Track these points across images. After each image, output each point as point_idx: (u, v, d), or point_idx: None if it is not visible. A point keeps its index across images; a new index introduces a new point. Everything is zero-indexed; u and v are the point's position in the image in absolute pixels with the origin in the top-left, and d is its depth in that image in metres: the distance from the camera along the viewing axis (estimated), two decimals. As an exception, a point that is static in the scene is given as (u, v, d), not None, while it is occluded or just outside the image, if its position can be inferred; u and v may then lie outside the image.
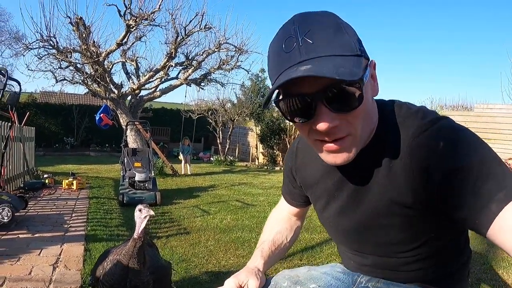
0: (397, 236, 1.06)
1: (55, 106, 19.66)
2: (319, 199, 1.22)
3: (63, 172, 10.08)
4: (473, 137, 0.89)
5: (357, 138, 0.93)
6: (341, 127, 0.88)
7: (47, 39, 8.85)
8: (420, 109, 1.00)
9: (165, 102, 19.05)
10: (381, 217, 1.04)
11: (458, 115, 11.91)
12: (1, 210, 4.28)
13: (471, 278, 3.40)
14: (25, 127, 7.67)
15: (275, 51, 0.90)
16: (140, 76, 11.35)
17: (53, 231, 4.50)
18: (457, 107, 18.28)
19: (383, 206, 1.01)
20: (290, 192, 1.39)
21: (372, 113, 0.97)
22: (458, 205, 0.85)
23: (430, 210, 0.96)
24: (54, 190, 7.12)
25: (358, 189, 1.06)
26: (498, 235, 0.78)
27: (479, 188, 0.81)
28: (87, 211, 5.64)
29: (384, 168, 0.98)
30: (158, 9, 8.83)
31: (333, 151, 0.93)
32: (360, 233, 1.14)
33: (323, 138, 0.91)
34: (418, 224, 1.02)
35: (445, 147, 0.88)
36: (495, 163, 0.84)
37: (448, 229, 1.07)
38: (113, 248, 2.46)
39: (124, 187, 6.52)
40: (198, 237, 4.51)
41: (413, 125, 0.95)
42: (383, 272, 1.19)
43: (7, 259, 3.51)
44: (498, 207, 0.78)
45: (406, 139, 0.94)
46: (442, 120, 0.94)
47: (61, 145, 18.82)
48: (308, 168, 1.22)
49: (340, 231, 1.21)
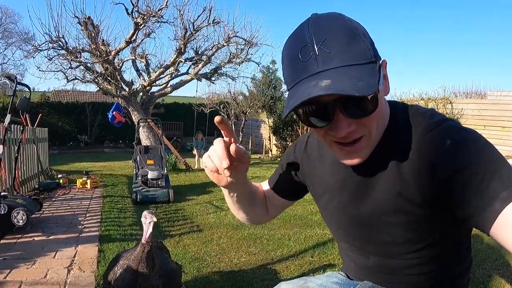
0: (402, 236, 1.06)
1: (68, 105, 19.82)
2: (323, 195, 1.22)
3: (78, 170, 10.21)
4: (479, 138, 0.90)
5: (372, 138, 0.96)
6: (357, 130, 0.91)
7: (56, 40, 8.91)
8: (429, 111, 1.02)
9: (177, 96, 19.09)
10: (387, 215, 1.04)
11: (471, 103, 11.70)
12: (16, 214, 4.34)
13: (481, 274, 3.37)
14: (38, 129, 7.77)
15: (291, 58, 0.91)
16: (150, 72, 11.38)
17: (67, 232, 4.56)
18: (471, 94, 17.96)
19: (390, 203, 1.02)
20: (279, 180, 1.37)
21: (385, 113, 0.99)
22: (463, 203, 0.86)
23: (436, 209, 0.97)
24: (69, 190, 7.20)
25: (365, 186, 1.07)
26: (501, 232, 0.80)
27: (484, 187, 0.82)
28: (101, 210, 5.70)
29: (392, 165, 1.00)
30: (166, 6, 8.82)
31: (349, 153, 0.96)
32: (364, 231, 1.13)
33: (341, 141, 0.94)
34: (423, 224, 1.02)
35: (452, 146, 0.90)
36: (500, 164, 0.85)
37: (452, 231, 1.07)
38: (123, 252, 2.48)
39: (137, 185, 6.56)
40: (211, 235, 4.54)
41: (421, 125, 0.97)
42: (384, 275, 1.17)
43: (23, 263, 3.57)
44: (502, 205, 0.79)
45: (415, 137, 0.97)
46: (450, 121, 0.97)
47: (75, 143, 19.02)
48: (315, 165, 1.23)
49: (344, 228, 1.20)
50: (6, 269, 3.41)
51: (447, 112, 11.84)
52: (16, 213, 4.34)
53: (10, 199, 4.68)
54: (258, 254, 3.89)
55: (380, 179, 1.03)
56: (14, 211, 4.34)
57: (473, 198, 0.84)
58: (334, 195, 1.17)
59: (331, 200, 1.19)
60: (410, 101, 13.19)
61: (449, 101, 11.99)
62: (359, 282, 1.24)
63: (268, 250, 4.01)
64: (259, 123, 20.23)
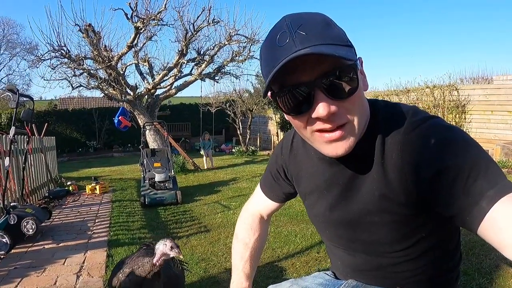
0: (388, 235, 1.06)
1: (75, 112, 20.01)
2: (310, 195, 1.22)
3: (87, 176, 10.32)
4: (464, 136, 0.90)
5: (356, 125, 0.93)
6: (340, 113, 0.89)
7: (59, 49, 8.98)
8: (411, 108, 1.01)
9: (183, 97, 19.17)
10: (372, 215, 1.04)
11: (478, 88, 11.58)
12: (26, 223, 4.40)
13: (488, 264, 3.34)
14: (45, 138, 7.84)
15: (268, 47, 0.90)
16: (154, 75, 11.43)
17: (77, 239, 4.62)
18: (477, 79, 17.77)
19: (375, 203, 1.01)
20: (271, 185, 1.40)
21: (366, 106, 0.98)
22: (449, 203, 0.85)
23: (421, 208, 0.96)
24: (78, 197, 7.28)
25: (350, 185, 1.06)
26: (488, 233, 0.79)
27: (470, 186, 0.82)
28: (110, 215, 5.76)
29: (376, 164, 0.99)
30: (165, 8, 8.84)
31: (334, 140, 0.92)
32: (350, 230, 1.13)
33: (324, 127, 0.90)
34: (409, 223, 1.02)
35: (436, 145, 0.89)
36: (486, 162, 0.84)
37: (439, 229, 1.06)
38: (127, 259, 2.50)
39: (145, 188, 6.62)
40: (218, 235, 4.56)
41: (404, 123, 0.96)
42: (371, 273, 1.18)
43: (33, 271, 3.63)
44: (489, 204, 0.78)
45: (397, 136, 0.95)
46: (433, 119, 0.96)
47: (84, 149, 19.20)
48: (302, 164, 1.22)
49: (330, 227, 1.20)
50: (17, 278, 3.47)
51: (454, 99, 11.75)
52: (25, 223, 4.41)
53: (20, 209, 4.74)
54: (264, 252, 3.89)
55: (366, 179, 1.02)
56: (23, 221, 4.40)
57: (458, 197, 0.83)
58: (321, 194, 1.16)
59: (318, 200, 1.18)
60: (415, 90, 13.11)
61: (455, 88, 11.86)
62: (344, 281, 1.25)
63: (274, 248, 4.03)
64: (266, 120, 20.25)
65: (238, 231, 1.50)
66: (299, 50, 0.82)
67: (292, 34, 0.84)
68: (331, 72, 0.85)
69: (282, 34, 0.86)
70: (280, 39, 0.86)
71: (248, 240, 1.44)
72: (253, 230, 1.46)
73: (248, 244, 1.44)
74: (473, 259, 3.42)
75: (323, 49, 0.81)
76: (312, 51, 0.80)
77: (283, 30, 0.86)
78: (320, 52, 0.80)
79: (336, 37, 0.86)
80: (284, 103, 0.91)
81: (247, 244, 1.44)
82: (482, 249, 3.58)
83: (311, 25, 0.86)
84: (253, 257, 1.43)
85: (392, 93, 13.85)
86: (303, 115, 0.91)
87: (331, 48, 0.82)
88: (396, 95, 13.57)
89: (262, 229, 1.48)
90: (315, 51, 0.79)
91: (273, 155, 1.38)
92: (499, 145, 9.39)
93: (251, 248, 1.43)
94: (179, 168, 10.19)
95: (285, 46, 0.84)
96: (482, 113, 10.99)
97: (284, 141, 1.32)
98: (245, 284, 1.39)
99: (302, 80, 0.86)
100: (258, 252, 1.46)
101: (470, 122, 11.31)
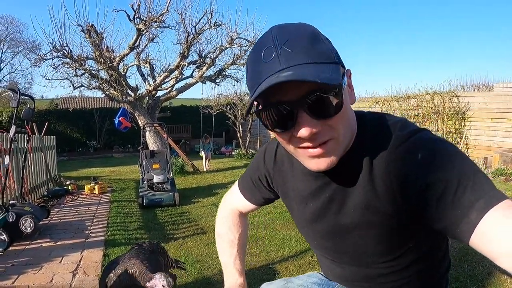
0: (375, 247, 1.07)
1: (76, 111, 20.05)
2: (296, 205, 1.21)
3: (87, 176, 10.35)
4: (453, 149, 0.90)
5: (339, 142, 0.93)
6: (323, 132, 0.88)
7: (61, 49, 9.04)
8: (400, 120, 1.01)
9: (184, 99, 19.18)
10: (359, 228, 1.04)
11: (478, 96, 11.60)
12: (24, 221, 4.44)
13: (481, 272, 3.36)
14: (45, 137, 7.88)
15: (253, 62, 0.90)
16: (155, 76, 11.47)
17: (74, 238, 4.66)
18: (478, 87, 17.81)
19: (362, 216, 1.02)
20: (251, 190, 1.40)
21: (352, 120, 0.97)
22: (438, 216, 0.86)
23: (409, 221, 0.96)
24: (77, 196, 7.31)
25: (336, 198, 1.06)
26: (480, 244, 0.79)
27: (458, 198, 0.82)
28: (107, 215, 5.79)
29: (363, 178, 0.98)
30: (167, 11, 8.91)
31: (316, 156, 0.92)
32: (336, 242, 1.14)
33: (306, 144, 0.90)
34: (397, 235, 1.03)
35: (424, 159, 0.89)
36: (474, 173, 0.84)
37: (427, 239, 1.08)
38: (119, 258, 2.52)
39: (144, 189, 6.66)
40: (214, 237, 4.52)
41: (392, 136, 0.96)
42: (360, 283, 1.20)
43: (30, 268, 3.67)
44: (478, 216, 0.78)
45: (385, 149, 0.95)
46: (421, 132, 0.95)
47: (84, 148, 19.22)
48: (287, 176, 1.21)
49: (317, 239, 1.21)
50: (14, 275, 3.51)
51: (454, 106, 11.78)
52: (24, 221, 4.45)
53: (18, 207, 4.78)
54: (259, 255, 3.94)
55: (352, 192, 1.02)
56: (22, 219, 4.44)
57: (447, 210, 0.83)
58: (306, 206, 1.16)
59: (304, 211, 1.18)
60: (416, 96, 13.13)
61: (455, 95, 11.90)
62: (337, 284, 1.29)
63: (269, 251, 4.06)
64: (267, 123, 20.22)
65: (220, 230, 1.53)
66: (283, 69, 0.82)
67: (277, 50, 0.84)
68: (315, 92, 0.84)
69: (268, 49, 0.86)
70: (265, 55, 0.86)
71: (233, 238, 1.48)
72: (236, 227, 1.49)
73: (233, 241, 1.47)
74: (466, 266, 3.46)
75: (306, 72, 0.81)
76: (294, 78, 0.79)
77: (268, 45, 0.86)
78: (303, 79, 0.79)
79: (323, 53, 0.86)
80: (267, 120, 0.91)
81: (232, 241, 1.47)
82: (474, 256, 3.61)
83: (297, 40, 0.85)
84: (240, 253, 1.47)
85: (392, 99, 13.86)
86: (286, 132, 0.91)
87: (316, 69, 0.82)
88: (396, 101, 13.58)
89: (243, 225, 1.51)
90: (297, 78, 0.79)
91: (254, 162, 1.37)
92: (497, 153, 9.43)
93: (237, 245, 1.47)
94: (178, 170, 10.22)
95: (270, 62, 0.84)
96: (481, 120, 11.01)
97: (267, 150, 1.31)
98: (240, 279, 1.43)
99: (286, 99, 0.86)
100: (243, 248, 1.50)
101: (470, 129, 11.33)
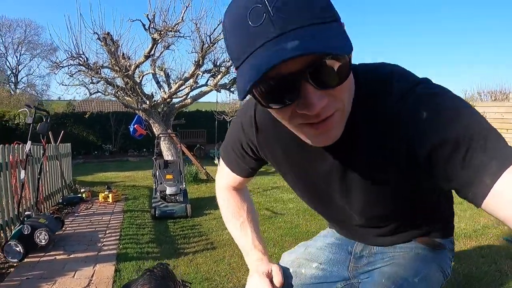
0: (385, 211, 1.11)
1: (92, 115, 20.30)
2: (296, 173, 1.16)
3: (102, 181, 10.49)
4: (458, 105, 0.83)
5: (344, 112, 0.84)
6: (329, 104, 0.76)
7: (77, 57, 9.20)
8: (393, 69, 0.93)
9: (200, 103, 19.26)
10: (366, 187, 1.02)
11: (493, 106, 11.53)
12: (39, 234, 4.56)
13: None
14: (61, 145, 8.03)
15: (237, 25, 0.74)
16: (171, 83, 11.58)
17: (87, 250, 4.75)
18: (495, 94, 17.67)
19: (366, 176, 0.99)
20: (237, 164, 1.31)
21: (352, 83, 0.87)
22: (448, 178, 0.81)
23: (418, 184, 0.97)
24: (91, 204, 7.44)
25: (339, 162, 1.00)
26: (495, 207, 0.76)
27: (470, 159, 0.77)
28: (120, 227, 5.89)
29: (364, 140, 0.93)
30: (182, 21, 9.01)
31: (322, 132, 0.82)
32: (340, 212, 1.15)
33: (311, 120, 0.79)
34: (407, 195, 1.04)
35: (429, 116, 0.82)
36: (485, 130, 0.79)
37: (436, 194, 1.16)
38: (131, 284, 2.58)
39: (156, 200, 6.75)
40: (223, 253, 4.65)
41: (390, 92, 0.88)
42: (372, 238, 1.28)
43: (44, 282, 3.76)
44: (492, 178, 0.74)
45: (384, 108, 0.88)
46: (422, 84, 0.87)
47: (100, 152, 19.47)
48: (277, 146, 1.12)
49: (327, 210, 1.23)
50: (29, 290, 3.61)
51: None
52: (38, 233, 4.56)
53: (34, 219, 4.91)
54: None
55: (355, 155, 0.96)
56: (37, 231, 4.56)
57: (459, 171, 0.78)
58: (308, 175, 1.11)
59: (300, 181, 1.15)
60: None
61: (470, 105, 11.81)
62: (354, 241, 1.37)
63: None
64: (280, 130, 20.21)
65: (226, 215, 1.45)
66: (281, 36, 0.68)
67: (268, 10, 0.69)
68: (321, 59, 0.71)
69: (255, 10, 0.70)
70: (253, 16, 0.70)
71: (243, 219, 1.41)
72: (240, 206, 1.43)
73: (244, 222, 1.40)
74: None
75: (314, 44, 0.67)
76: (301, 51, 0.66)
77: (255, 4, 0.70)
78: (312, 51, 0.67)
79: (323, 10, 0.73)
80: (263, 96, 0.77)
81: (243, 222, 1.40)
82: (480, 281, 3.60)
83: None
84: (254, 229, 1.41)
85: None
86: (286, 108, 0.78)
87: (323, 34, 0.70)
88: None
89: (246, 199, 1.45)
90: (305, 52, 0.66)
91: (231, 133, 1.24)
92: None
93: (248, 223, 1.40)
94: (192, 178, 10.29)
95: (261, 27, 0.69)
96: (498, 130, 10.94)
97: (243, 119, 1.17)
98: (264, 259, 1.35)
99: (286, 72, 0.71)
100: (256, 222, 1.44)
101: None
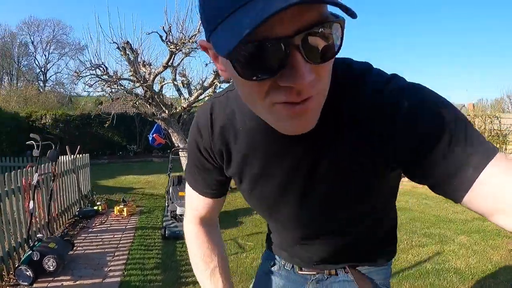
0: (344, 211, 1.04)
1: (117, 115, 20.66)
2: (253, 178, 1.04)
3: (122, 187, 10.65)
4: (437, 98, 0.80)
5: (323, 97, 0.74)
6: (315, 82, 0.66)
7: (96, 67, 9.32)
8: (366, 67, 0.88)
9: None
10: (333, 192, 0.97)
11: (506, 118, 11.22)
12: (47, 260, 4.67)
13: None
14: (78, 157, 8.16)
15: None
16: (192, 91, 11.60)
17: (93, 276, 4.83)
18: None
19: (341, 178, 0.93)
20: (204, 180, 1.17)
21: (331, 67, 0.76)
22: (428, 172, 0.78)
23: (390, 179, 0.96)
24: (106, 218, 7.57)
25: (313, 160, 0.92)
26: (476, 201, 0.74)
27: (450, 152, 0.74)
28: (129, 248, 5.96)
29: (337, 135, 0.86)
30: (198, 32, 8.98)
31: (299, 114, 0.70)
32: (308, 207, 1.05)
33: (291, 99, 0.67)
34: (375, 192, 0.99)
35: (409, 110, 0.78)
36: (463, 124, 0.77)
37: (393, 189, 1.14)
38: None
39: (167, 219, 6.79)
40: (225, 285, 4.62)
41: (368, 85, 0.83)
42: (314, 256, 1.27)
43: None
44: (476, 171, 0.72)
45: (361, 100, 0.83)
46: (399, 79, 0.84)
47: (124, 152, 19.81)
48: (234, 141, 1.01)
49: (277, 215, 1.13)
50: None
51: (495, 128, 11.36)
52: (47, 260, 4.68)
53: (44, 243, 5.01)
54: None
55: (324, 152, 0.89)
56: (45, 258, 4.67)
57: (439, 164, 0.75)
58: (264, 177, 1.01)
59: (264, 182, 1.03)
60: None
61: (496, 116, 11.47)
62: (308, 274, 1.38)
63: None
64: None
65: (194, 259, 1.35)
66: None
67: None
68: (318, 26, 0.60)
69: None
70: None
71: (213, 265, 1.32)
72: (211, 249, 1.33)
73: (214, 270, 1.32)
74: None
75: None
76: None
77: None
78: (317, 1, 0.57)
79: None
80: (244, 63, 0.63)
81: (213, 270, 1.32)
82: None
83: None
84: (226, 279, 1.34)
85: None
86: (267, 80, 0.65)
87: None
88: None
89: (218, 242, 1.37)
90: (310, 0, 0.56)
91: (190, 145, 1.12)
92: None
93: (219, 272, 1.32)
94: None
95: None
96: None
97: (200, 124, 1.06)
98: None
99: (275, 35, 0.59)
100: (227, 269, 1.37)
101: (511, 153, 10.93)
